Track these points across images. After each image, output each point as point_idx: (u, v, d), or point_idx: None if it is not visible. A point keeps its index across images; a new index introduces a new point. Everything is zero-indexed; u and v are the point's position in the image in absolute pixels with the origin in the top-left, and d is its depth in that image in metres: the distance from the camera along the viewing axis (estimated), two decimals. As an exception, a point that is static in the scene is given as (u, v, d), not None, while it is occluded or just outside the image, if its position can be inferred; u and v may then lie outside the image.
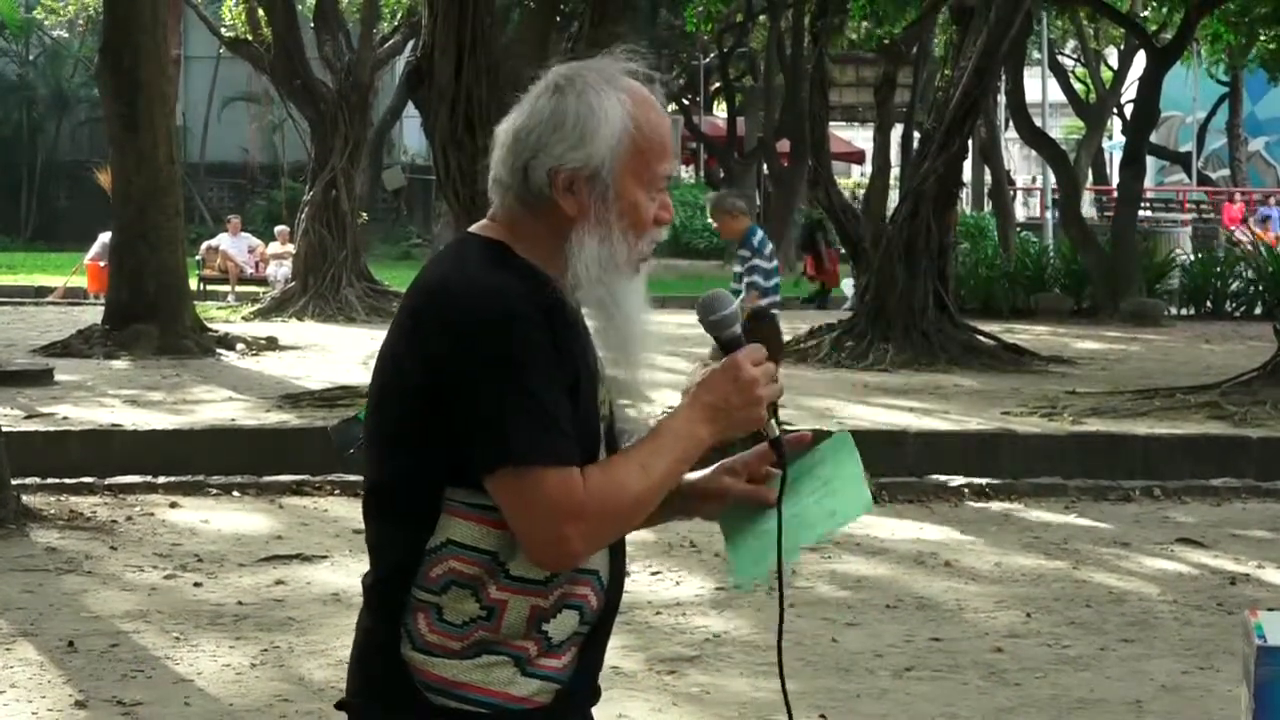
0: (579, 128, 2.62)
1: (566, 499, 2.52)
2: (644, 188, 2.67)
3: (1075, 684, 6.97)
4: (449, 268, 2.67)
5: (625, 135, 2.64)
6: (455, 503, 2.60)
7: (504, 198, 2.68)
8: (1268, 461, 12.30)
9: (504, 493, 2.54)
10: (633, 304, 2.68)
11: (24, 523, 9.80)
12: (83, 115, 41.26)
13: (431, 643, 2.61)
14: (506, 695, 2.62)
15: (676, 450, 2.64)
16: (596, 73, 2.68)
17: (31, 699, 6.61)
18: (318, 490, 11.04)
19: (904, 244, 18.08)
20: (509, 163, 2.66)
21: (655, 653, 7.25)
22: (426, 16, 14.15)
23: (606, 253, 2.64)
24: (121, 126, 17.84)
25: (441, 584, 2.60)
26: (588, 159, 2.62)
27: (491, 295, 2.56)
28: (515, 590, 2.60)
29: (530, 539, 2.55)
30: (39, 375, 15.50)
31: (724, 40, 37.74)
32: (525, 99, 2.70)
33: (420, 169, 39.45)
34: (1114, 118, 42.24)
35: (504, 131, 2.69)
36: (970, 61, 18.10)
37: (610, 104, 2.64)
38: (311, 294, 23.21)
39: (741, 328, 2.77)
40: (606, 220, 2.64)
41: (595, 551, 2.64)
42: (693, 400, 2.67)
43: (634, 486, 2.58)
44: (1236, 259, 25.57)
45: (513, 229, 2.67)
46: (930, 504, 11.00)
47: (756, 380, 2.67)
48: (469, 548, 2.59)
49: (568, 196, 2.63)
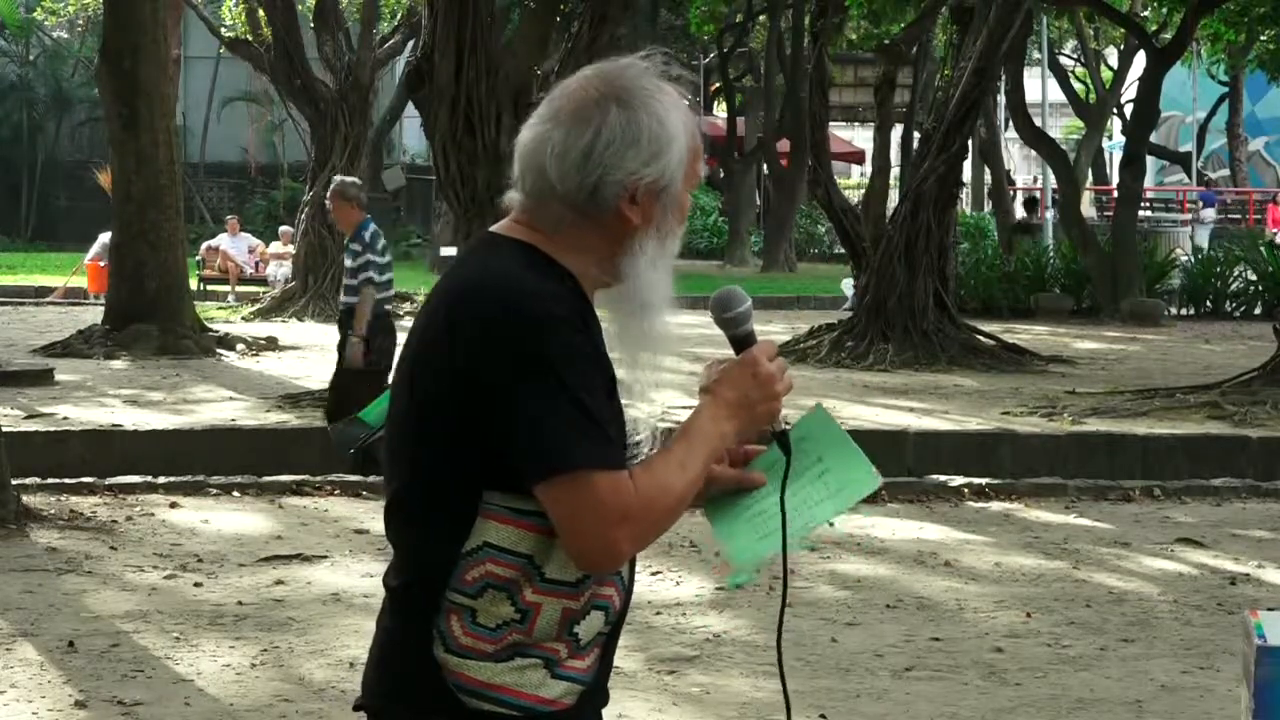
0: (654, 143, 2.64)
1: (617, 503, 2.54)
2: (691, 187, 2.73)
3: (1075, 684, 6.97)
4: (484, 271, 2.65)
5: (685, 144, 2.68)
6: (492, 506, 2.60)
7: (546, 206, 2.66)
8: (1268, 461, 12.31)
9: (557, 499, 2.55)
10: (666, 293, 2.71)
11: (24, 523, 9.80)
12: (83, 115, 41.26)
13: (465, 645, 2.61)
14: (537, 698, 2.63)
15: (708, 447, 2.67)
16: (648, 81, 2.68)
17: (31, 699, 6.61)
18: (318, 490, 11.04)
19: (904, 244, 18.09)
20: (574, 179, 2.63)
21: (655, 653, 7.25)
22: (426, 16, 14.17)
23: (661, 252, 2.68)
24: (121, 127, 17.85)
25: (477, 587, 2.60)
26: (663, 172, 2.65)
27: (530, 298, 2.56)
28: (550, 593, 2.62)
29: (581, 543, 2.56)
30: (39, 375, 15.51)
31: (724, 40, 37.71)
32: (572, 111, 2.65)
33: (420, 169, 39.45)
34: (1114, 118, 42.24)
35: (559, 144, 2.64)
36: (970, 61, 18.11)
37: (675, 116, 2.67)
38: (311, 294, 23.22)
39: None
40: (667, 225, 2.69)
41: (639, 551, 2.68)
42: (715, 397, 2.70)
43: (676, 486, 2.61)
44: (1236, 259, 25.57)
45: (554, 233, 2.66)
46: (930, 504, 10.99)
47: (774, 375, 2.71)
48: (506, 551, 2.60)
49: (634, 208, 2.65)
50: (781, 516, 2.74)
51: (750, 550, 2.78)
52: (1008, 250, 25.93)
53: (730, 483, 2.82)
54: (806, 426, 2.83)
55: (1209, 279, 25.11)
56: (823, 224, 36.42)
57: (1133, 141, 25.48)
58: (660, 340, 2.70)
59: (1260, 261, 24.94)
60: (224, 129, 40.36)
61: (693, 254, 36.60)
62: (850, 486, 2.77)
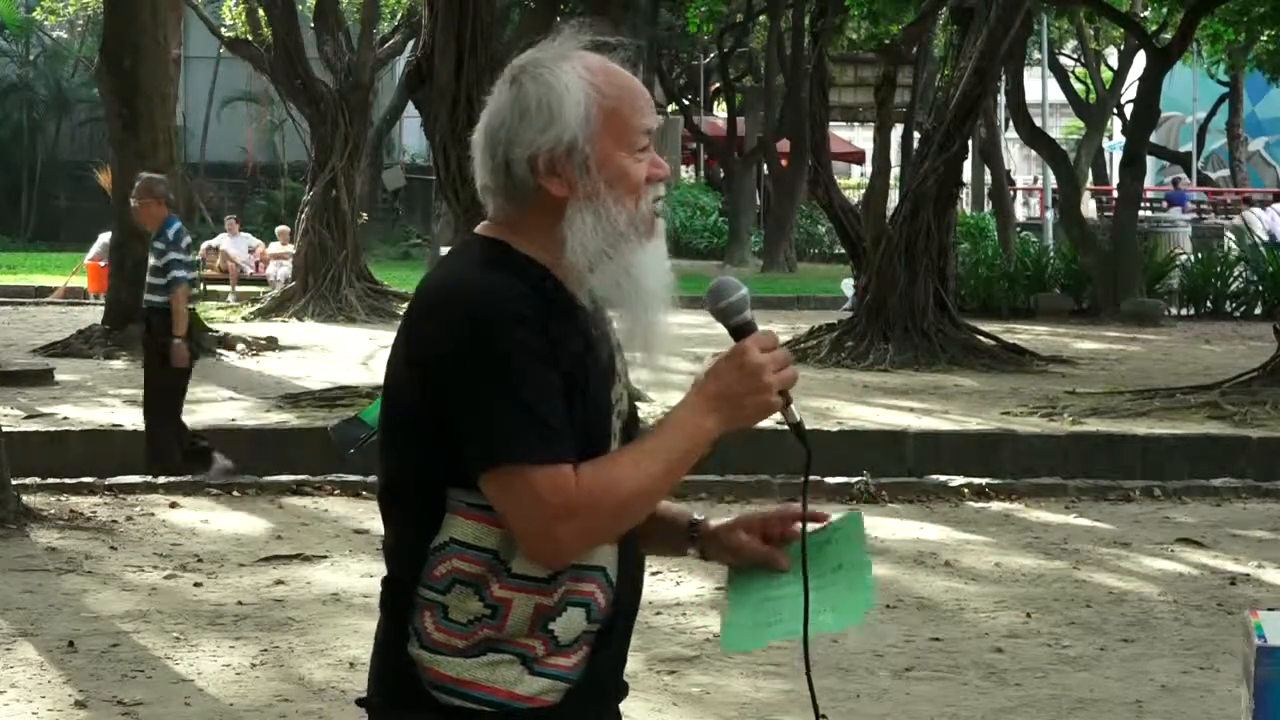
0: (544, 109, 2.61)
1: (555, 497, 2.52)
2: (625, 150, 2.65)
3: (1075, 684, 6.96)
4: (448, 269, 2.69)
5: (590, 103, 2.62)
6: (457, 502, 2.60)
7: (493, 200, 2.68)
8: (1268, 461, 12.31)
9: (494, 492, 2.56)
10: (648, 277, 2.65)
11: (24, 523, 9.80)
12: (83, 115, 41.25)
13: (437, 641, 2.62)
14: (512, 694, 2.62)
15: (678, 443, 2.61)
16: (550, 54, 2.67)
17: (31, 699, 6.61)
18: (318, 490, 11.03)
19: (904, 244, 18.09)
20: (488, 163, 2.66)
21: (655, 653, 7.25)
22: (426, 16, 14.17)
23: (607, 225, 2.62)
24: (121, 126, 17.86)
25: (445, 583, 2.61)
26: (559, 136, 2.61)
27: (481, 295, 2.57)
28: (518, 588, 2.61)
29: (523, 538, 2.56)
30: (39, 375, 15.51)
31: (724, 40, 37.72)
32: (489, 100, 2.69)
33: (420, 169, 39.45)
34: (1114, 118, 42.23)
35: (475, 137, 2.69)
36: (970, 61, 18.11)
37: (567, 77, 2.63)
38: (311, 294, 23.22)
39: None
40: (596, 191, 2.62)
41: (592, 548, 2.62)
42: (697, 390, 2.64)
43: (628, 482, 2.57)
44: (1236, 259, 25.57)
45: (511, 227, 2.67)
46: (930, 504, 10.99)
47: (763, 366, 2.62)
48: (471, 546, 2.60)
49: (552, 179, 2.62)
50: (804, 595, 2.70)
51: (744, 635, 2.75)
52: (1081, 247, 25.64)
53: (757, 558, 2.80)
54: (839, 533, 2.78)
55: (1209, 279, 25.10)
56: (823, 224, 36.41)
57: (1133, 141, 25.48)
58: (646, 327, 2.66)
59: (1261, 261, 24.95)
60: (224, 129, 40.34)
61: (693, 254, 36.58)
62: (847, 610, 2.70)
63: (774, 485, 10.93)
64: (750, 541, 2.81)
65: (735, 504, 10.62)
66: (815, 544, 2.76)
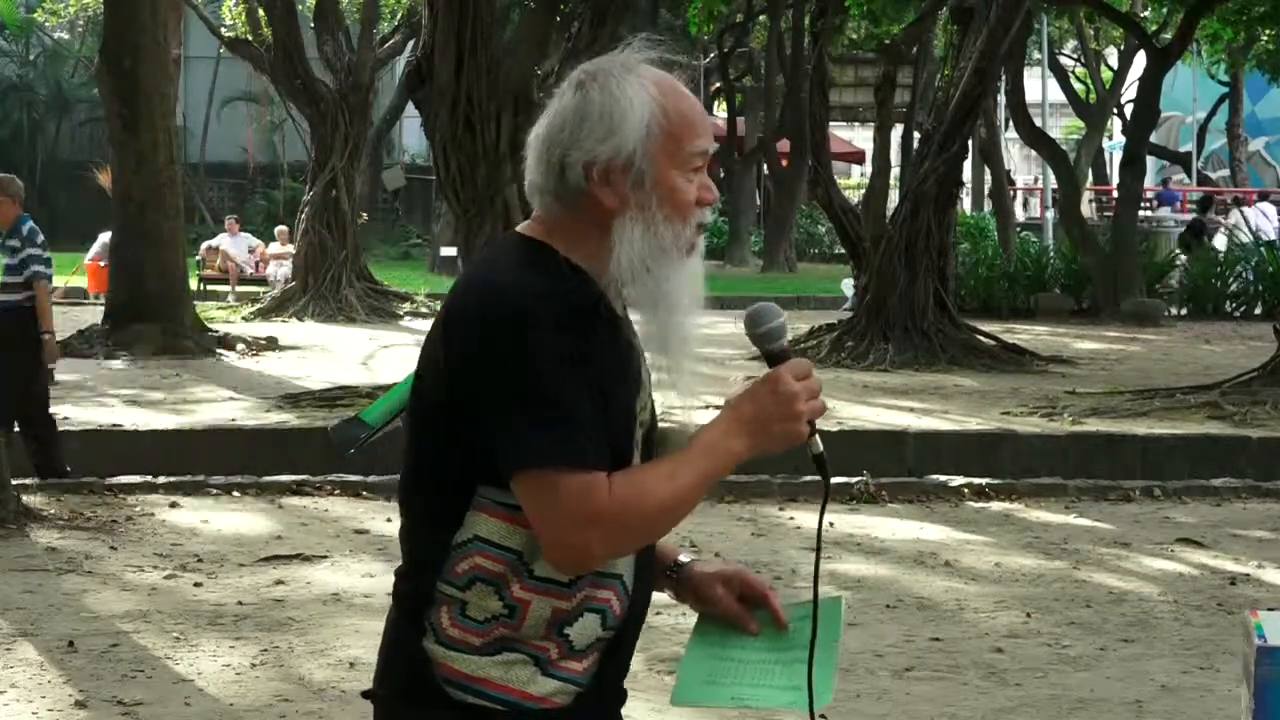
0: (606, 118, 2.62)
1: (586, 504, 2.52)
2: (680, 169, 2.66)
3: (1075, 684, 6.96)
4: (489, 267, 2.68)
5: (653, 120, 2.63)
6: (485, 499, 2.61)
7: (542, 199, 2.68)
8: (1268, 461, 12.30)
9: (524, 494, 2.55)
10: (683, 296, 2.66)
11: (24, 523, 9.81)
12: (83, 115, 41.27)
13: (452, 637, 2.62)
14: (524, 694, 2.62)
15: (707, 462, 2.62)
16: (618, 65, 2.68)
17: (31, 699, 6.61)
18: (318, 490, 11.04)
19: (904, 244, 18.09)
20: (543, 164, 2.66)
21: (655, 653, 7.25)
22: (426, 16, 14.16)
23: (652, 241, 2.63)
24: (121, 127, 17.85)
25: (466, 579, 2.61)
26: (619, 148, 2.62)
27: (516, 296, 2.56)
28: (539, 591, 2.61)
29: (549, 542, 2.56)
30: (39, 375, 15.48)
31: (724, 40, 37.72)
32: (552, 102, 2.69)
33: (420, 169, 39.46)
34: (1114, 118, 42.23)
35: (535, 135, 2.69)
36: (970, 62, 18.10)
37: (633, 90, 2.64)
38: (311, 294, 23.22)
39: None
40: (648, 208, 2.63)
41: (615, 558, 2.64)
42: (730, 412, 2.65)
43: (658, 494, 2.57)
44: (1236, 259, 25.57)
45: (554, 228, 2.67)
46: (930, 504, 10.99)
47: (797, 395, 2.65)
48: (495, 545, 2.61)
49: (605, 189, 2.63)
50: (809, 662, 2.70)
51: (694, 690, 2.74)
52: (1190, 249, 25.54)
53: (728, 615, 2.81)
54: (821, 611, 2.76)
55: (1209, 279, 25.10)
56: (823, 224, 36.42)
57: (1133, 141, 25.47)
58: (677, 341, 2.68)
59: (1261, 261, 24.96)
60: (224, 129, 40.36)
61: (693, 254, 36.56)
62: (810, 692, 2.69)
63: (774, 485, 10.94)
64: (725, 597, 2.82)
65: (735, 504, 10.63)
66: (795, 619, 2.79)
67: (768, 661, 2.75)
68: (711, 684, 2.74)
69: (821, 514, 2.86)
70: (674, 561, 2.88)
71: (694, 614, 2.89)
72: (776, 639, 2.77)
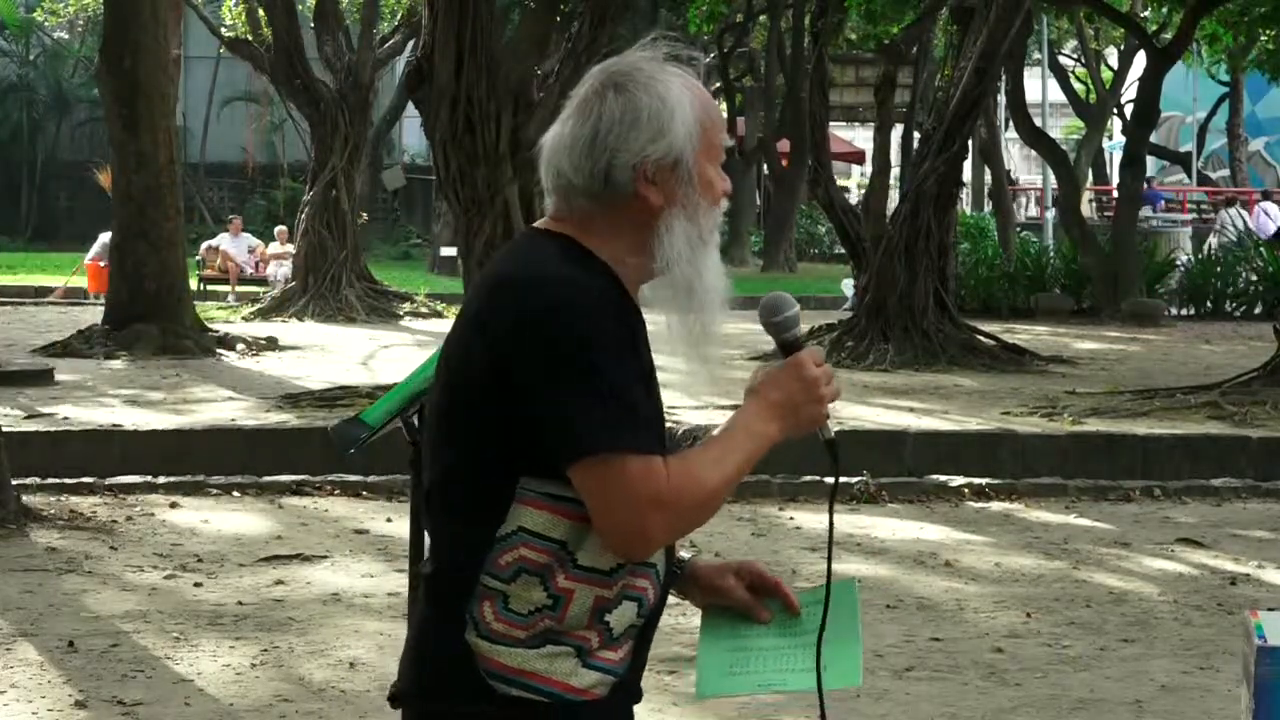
0: (655, 120, 2.68)
1: (650, 487, 2.56)
2: (713, 163, 2.75)
3: (1075, 684, 6.97)
4: (523, 262, 2.70)
5: (695, 119, 2.71)
6: (528, 491, 2.62)
7: (573, 200, 2.71)
8: (1268, 461, 12.30)
9: (589, 482, 2.57)
10: (718, 288, 2.74)
11: (24, 523, 9.81)
12: (83, 115, 41.23)
13: (496, 630, 2.63)
14: (568, 686, 2.64)
15: (748, 446, 2.69)
16: (649, 64, 2.73)
17: (31, 699, 6.62)
18: (318, 490, 11.04)
19: (904, 244, 18.08)
20: (585, 167, 2.68)
21: (655, 653, 7.21)
22: (426, 16, 14.15)
23: (695, 232, 2.71)
24: (121, 126, 17.84)
25: (511, 571, 2.63)
26: (669, 148, 2.68)
27: (562, 285, 2.60)
28: (582, 580, 2.63)
29: (613, 527, 2.58)
30: (39, 375, 15.50)
31: (724, 40, 37.71)
32: (577, 104, 2.72)
33: (420, 169, 39.43)
34: (1114, 118, 42.22)
35: (568, 137, 2.71)
36: (970, 61, 18.10)
37: (677, 91, 2.71)
38: (311, 294, 23.21)
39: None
40: (693, 200, 2.71)
41: (673, 541, 2.70)
42: (761, 398, 2.72)
43: (711, 479, 2.63)
44: (1236, 259, 25.57)
45: (585, 225, 2.70)
46: (930, 504, 10.99)
47: (819, 380, 2.73)
48: (540, 536, 2.62)
49: (652, 188, 2.68)
50: (818, 642, 2.74)
51: (715, 681, 2.78)
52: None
53: (740, 605, 2.86)
54: (832, 594, 2.82)
55: (1209, 279, 25.11)
56: (823, 224, 36.42)
57: (1133, 141, 25.47)
58: (710, 324, 2.74)
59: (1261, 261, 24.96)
60: (224, 129, 40.34)
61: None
62: (835, 673, 2.74)
63: (773, 485, 10.94)
64: (737, 586, 2.87)
65: (735, 504, 10.63)
66: (806, 603, 2.84)
67: (785, 647, 2.78)
68: (734, 674, 2.77)
69: (832, 500, 3.01)
70: (676, 559, 2.90)
71: (697, 614, 2.90)
72: (790, 624, 2.81)
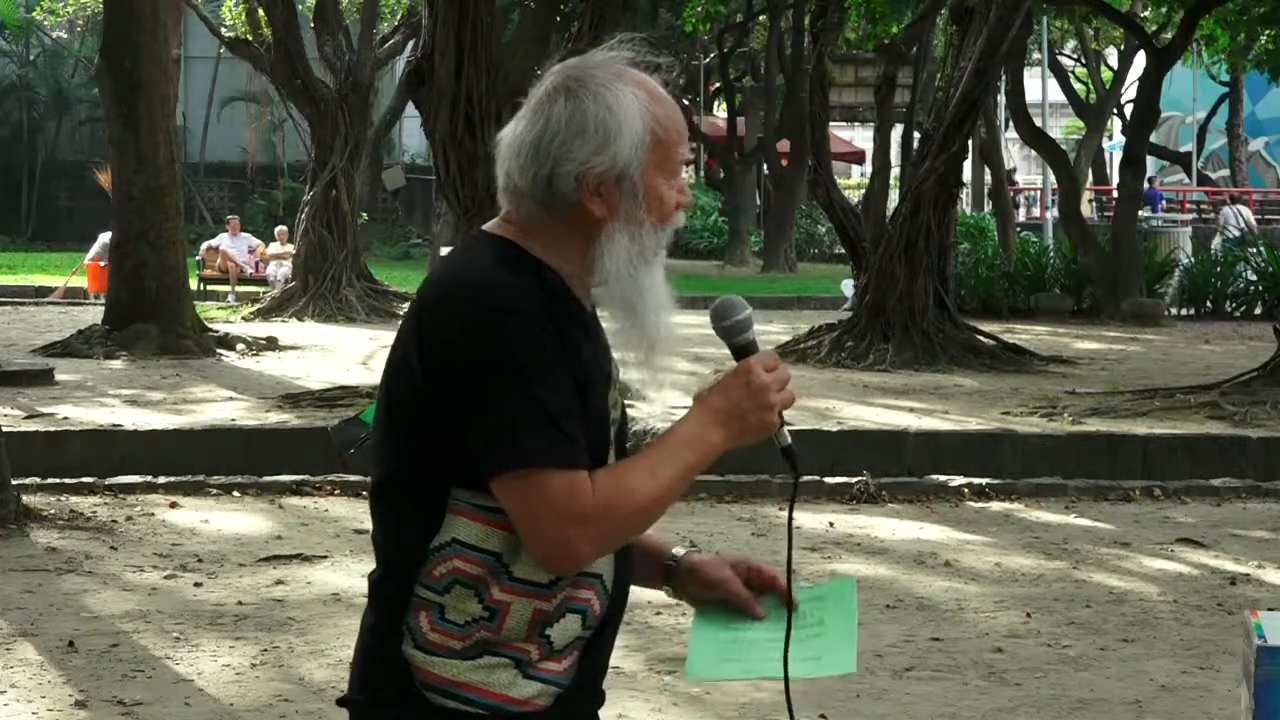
0: (601, 130, 2.60)
1: (571, 503, 2.51)
2: (666, 178, 2.65)
3: (1075, 684, 6.97)
4: (456, 266, 2.66)
5: (646, 131, 2.62)
6: (461, 503, 2.59)
7: (519, 203, 2.65)
8: (1268, 461, 12.30)
9: (509, 496, 2.53)
10: (657, 297, 2.66)
11: (24, 523, 9.81)
12: (83, 115, 41.24)
13: (433, 641, 2.60)
14: (506, 698, 2.61)
15: (688, 455, 2.62)
16: (604, 70, 2.65)
17: (31, 699, 6.62)
18: (318, 490, 11.04)
19: (904, 244, 18.08)
20: (529, 172, 2.62)
21: (655, 653, 7.25)
22: (426, 17, 14.16)
23: (637, 248, 2.63)
24: (121, 126, 17.84)
25: (445, 583, 2.59)
26: (614, 160, 2.60)
27: (494, 293, 2.54)
28: (519, 592, 2.59)
29: (535, 543, 2.54)
30: (39, 375, 15.50)
31: (724, 40, 37.72)
32: (531, 105, 2.66)
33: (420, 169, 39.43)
34: (1114, 118, 42.23)
35: (516, 139, 2.64)
36: (970, 61, 18.10)
37: (627, 101, 2.61)
38: (311, 294, 23.20)
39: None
40: (636, 217, 2.63)
41: (602, 555, 2.63)
42: (704, 405, 2.65)
43: (642, 491, 2.56)
44: (1236, 259, 25.57)
45: (529, 230, 2.64)
46: (930, 504, 11.00)
47: (769, 386, 2.64)
48: (473, 548, 2.58)
49: (595, 199, 2.61)
50: (785, 638, 2.74)
51: (709, 666, 2.77)
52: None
53: (735, 599, 2.82)
54: (828, 591, 2.83)
55: (1209, 279, 25.10)
56: (823, 224, 36.42)
57: (1133, 141, 25.47)
58: (655, 339, 2.67)
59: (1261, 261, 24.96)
60: (224, 129, 40.34)
61: (693, 254, 36.60)
62: (829, 662, 2.74)
63: (773, 485, 10.93)
64: (734, 579, 2.82)
65: (734, 504, 10.62)
66: (805, 599, 2.82)
67: (778, 639, 2.77)
68: (726, 661, 2.77)
69: (791, 508, 2.88)
70: (670, 555, 2.87)
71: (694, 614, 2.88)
72: (784, 618, 2.80)
